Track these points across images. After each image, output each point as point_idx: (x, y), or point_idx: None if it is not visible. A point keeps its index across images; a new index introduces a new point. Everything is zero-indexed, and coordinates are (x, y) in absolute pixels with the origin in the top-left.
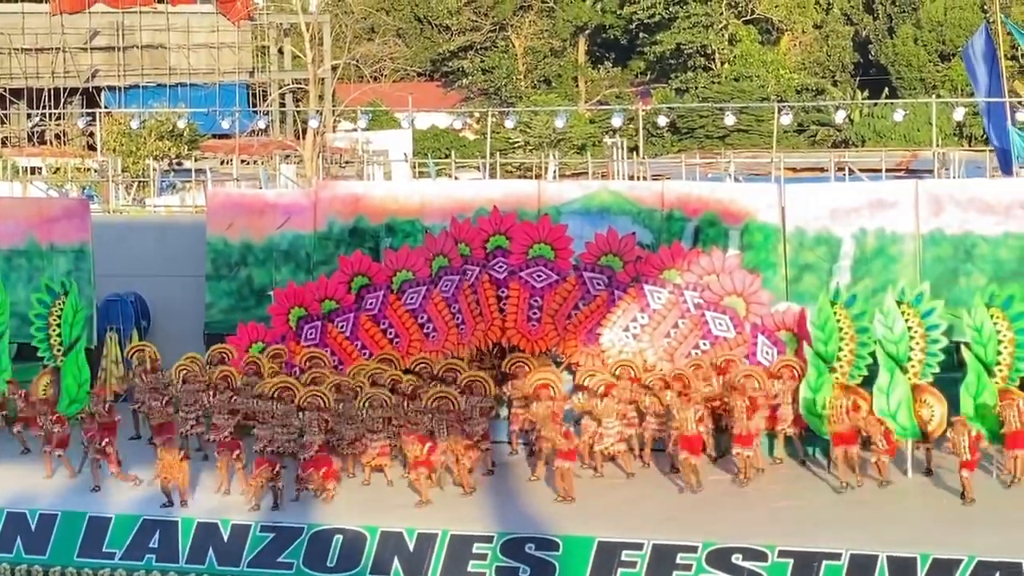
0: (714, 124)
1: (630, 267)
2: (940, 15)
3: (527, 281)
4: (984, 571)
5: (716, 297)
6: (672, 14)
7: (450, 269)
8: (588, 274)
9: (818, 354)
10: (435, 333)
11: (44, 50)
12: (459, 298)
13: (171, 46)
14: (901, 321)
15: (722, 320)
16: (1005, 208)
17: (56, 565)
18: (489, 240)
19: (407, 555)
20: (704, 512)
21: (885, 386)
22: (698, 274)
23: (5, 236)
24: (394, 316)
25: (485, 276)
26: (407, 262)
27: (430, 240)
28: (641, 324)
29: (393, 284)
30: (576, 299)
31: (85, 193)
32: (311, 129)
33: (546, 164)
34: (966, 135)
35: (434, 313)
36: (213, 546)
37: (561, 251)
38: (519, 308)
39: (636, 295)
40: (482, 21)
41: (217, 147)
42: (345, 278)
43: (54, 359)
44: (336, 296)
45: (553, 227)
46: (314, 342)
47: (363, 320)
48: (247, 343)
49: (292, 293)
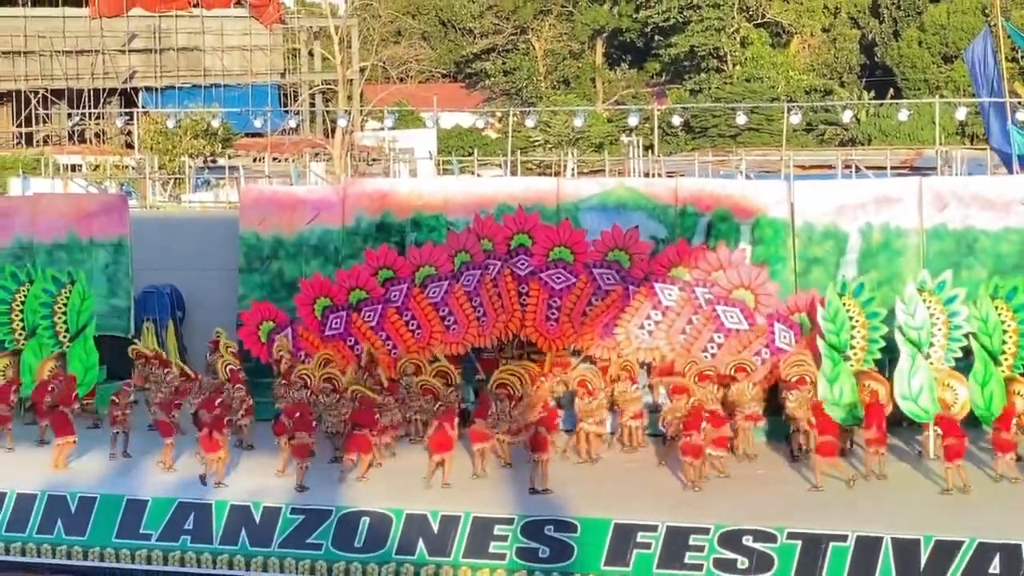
0: (726, 123)
1: (638, 260)
2: (943, 19)
3: (547, 282)
4: (984, 552)
5: (724, 291)
6: (686, 18)
7: (471, 264)
8: (598, 270)
9: (831, 345)
10: (456, 326)
11: (84, 52)
12: (480, 291)
13: (206, 48)
14: (923, 308)
15: (733, 313)
16: (1005, 204)
17: (95, 546)
18: (513, 237)
19: (431, 536)
20: (716, 496)
21: (907, 371)
22: (705, 270)
23: (47, 231)
24: (417, 308)
25: (507, 271)
26: (430, 258)
27: (452, 237)
28: (656, 321)
29: (416, 278)
30: (589, 295)
31: (123, 189)
32: (340, 128)
33: (565, 162)
34: (968, 134)
35: (455, 307)
36: (245, 527)
37: (580, 255)
38: (538, 307)
39: (648, 293)
40: (504, 25)
41: (250, 145)
42: (371, 271)
43: (60, 345)
44: (366, 287)
45: (573, 231)
46: (338, 331)
47: (389, 312)
48: (258, 321)
49: (318, 284)
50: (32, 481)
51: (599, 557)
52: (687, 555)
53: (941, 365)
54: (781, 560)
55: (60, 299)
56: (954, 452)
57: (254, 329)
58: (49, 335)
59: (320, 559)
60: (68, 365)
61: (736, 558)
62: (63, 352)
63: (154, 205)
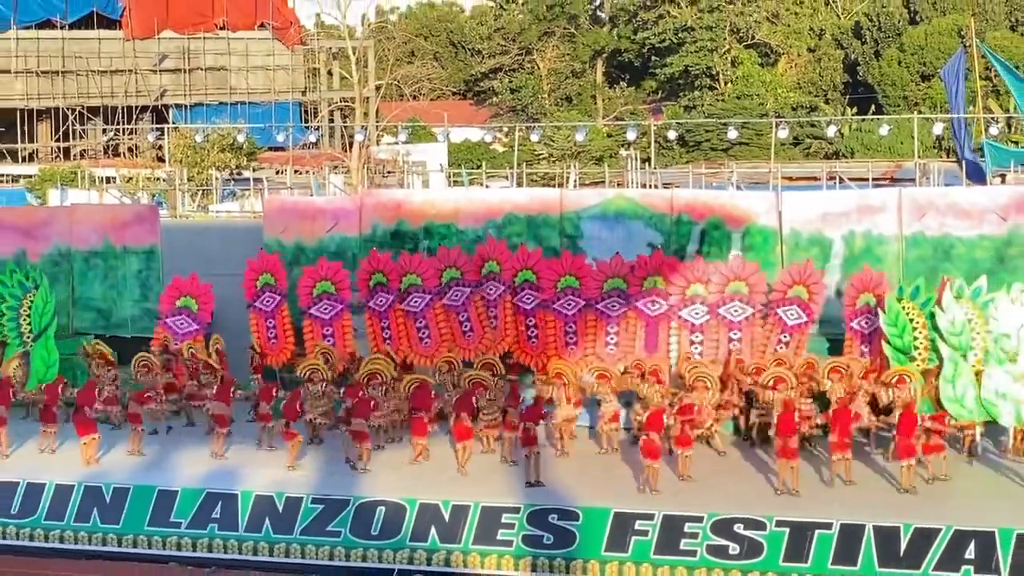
0: (718, 138)
1: (633, 279)
2: (921, 40)
3: (559, 312)
4: (960, 539)
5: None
6: (680, 39)
7: (461, 281)
8: (602, 304)
9: (896, 348)
10: (429, 340)
11: (118, 72)
12: (468, 307)
13: (232, 68)
14: (961, 313)
15: (792, 311)
16: (979, 213)
17: (129, 533)
18: (518, 275)
19: (443, 524)
20: (709, 486)
21: (950, 375)
22: (720, 283)
23: (83, 239)
24: (394, 318)
25: (508, 297)
26: (418, 268)
27: (443, 252)
28: (697, 341)
29: (401, 285)
30: (605, 327)
31: (155, 200)
32: (357, 142)
33: (568, 174)
34: (944, 148)
35: (432, 321)
36: (269, 516)
37: (584, 280)
38: (556, 335)
39: (681, 324)
40: (510, 46)
41: (273, 159)
42: (365, 276)
43: (23, 345)
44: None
45: (574, 259)
46: (381, 310)
47: (370, 315)
48: (312, 283)
49: (377, 259)
50: (69, 473)
51: (600, 544)
52: (682, 542)
53: (981, 367)
54: (770, 546)
55: (26, 302)
56: (905, 451)
57: (366, 280)
58: (14, 335)
59: (339, 545)
60: (31, 363)
61: (728, 544)
62: (27, 352)
63: (183, 215)
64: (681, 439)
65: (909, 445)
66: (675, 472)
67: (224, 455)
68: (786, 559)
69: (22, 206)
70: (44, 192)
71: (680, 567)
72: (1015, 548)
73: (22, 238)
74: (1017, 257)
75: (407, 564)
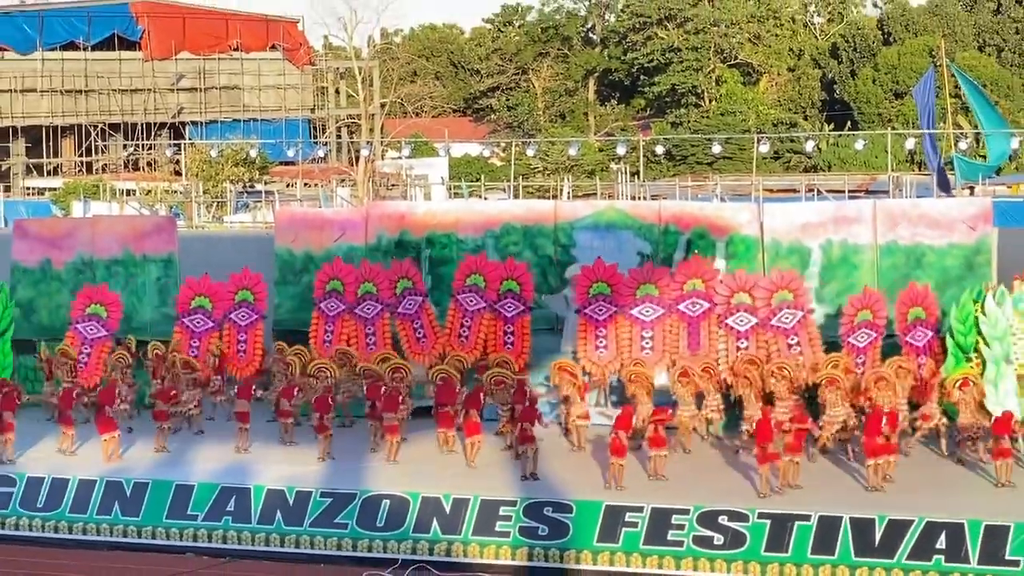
0: (703, 152)
1: (617, 285)
2: (895, 60)
3: (591, 317)
4: (931, 530)
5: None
6: (668, 60)
7: (413, 290)
8: (589, 309)
9: (957, 344)
10: (373, 347)
11: (138, 91)
12: (420, 316)
13: (245, 87)
14: (1003, 319)
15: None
16: (949, 223)
17: (148, 525)
18: (503, 284)
19: (444, 517)
20: (695, 480)
21: (993, 379)
22: (764, 294)
23: (105, 248)
24: (344, 324)
25: (489, 309)
26: (375, 277)
27: (396, 265)
28: (743, 348)
29: (358, 292)
30: (640, 331)
31: (172, 211)
32: (363, 157)
33: (561, 186)
34: (916, 161)
35: (379, 329)
36: (280, 509)
37: (617, 286)
38: (588, 338)
39: (727, 331)
40: (507, 66)
41: (283, 172)
42: (321, 284)
43: None
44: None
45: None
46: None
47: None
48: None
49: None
50: (91, 469)
51: (592, 535)
52: (670, 533)
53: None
54: (752, 537)
55: None
56: (872, 450)
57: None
58: None
59: (346, 537)
60: None
61: (713, 535)
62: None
63: (200, 225)
64: (654, 440)
65: (876, 444)
66: (646, 471)
67: (248, 450)
68: (768, 549)
69: (48, 217)
70: (68, 204)
71: (668, 557)
72: (983, 539)
73: (47, 248)
74: (985, 265)
75: (411, 554)
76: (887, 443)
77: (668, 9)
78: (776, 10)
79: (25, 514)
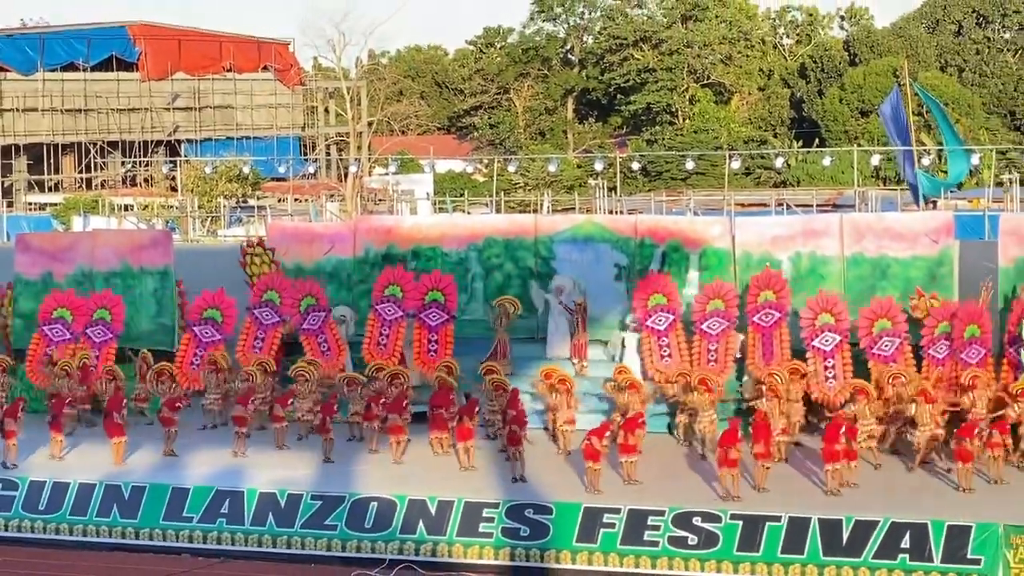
0: (677, 168)
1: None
2: (860, 80)
3: (653, 329)
4: (896, 530)
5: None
6: (643, 79)
7: (316, 307)
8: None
9: None
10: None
11: (135, 110)
12: (324, 330)
13: (238, 106)
14: None
15: None
16: (913, 236)
17: (145, 527)
18: (428, 294)
19: (430, 518)
20: (670, 483)
21: None
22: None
23: (104, 261)
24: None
25: (417, 322)
26: (311, 290)
27: (300, 284)
28: (830, 366)
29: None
30: (706, 345)
31: (168, 225)
32: (351, 173)
33: (542, 201)
34: (881, 177)
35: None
36: (272, 511)
37: (672, 297)
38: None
39: (815, 352)
40: (489, 86)
41: (275, 188)
42: (298, 297)
43: None
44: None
45: None
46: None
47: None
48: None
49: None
50: (92, 472)
51: (571, 535)
52: (646, 533)
53: None
54: (725, 537)
55: None
56: (830, 456)
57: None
58: None
59: (335, 538)
60: None
61: (687, 535)
62: None
63: (195, 239)
64: (624, 447)
65: (834, 451)
66: (621, 475)
67: (245, 454)
68: (740, 549)
69: (49, 232)
70: (68, 219)
71: (644, 557)
72: (946, 538)
73: (49, 260)
74: (947, 276)
75: (397, 555)
76: (847, 449)
77: (644, 31)
78: (747, 32)
79: (27, 517)
